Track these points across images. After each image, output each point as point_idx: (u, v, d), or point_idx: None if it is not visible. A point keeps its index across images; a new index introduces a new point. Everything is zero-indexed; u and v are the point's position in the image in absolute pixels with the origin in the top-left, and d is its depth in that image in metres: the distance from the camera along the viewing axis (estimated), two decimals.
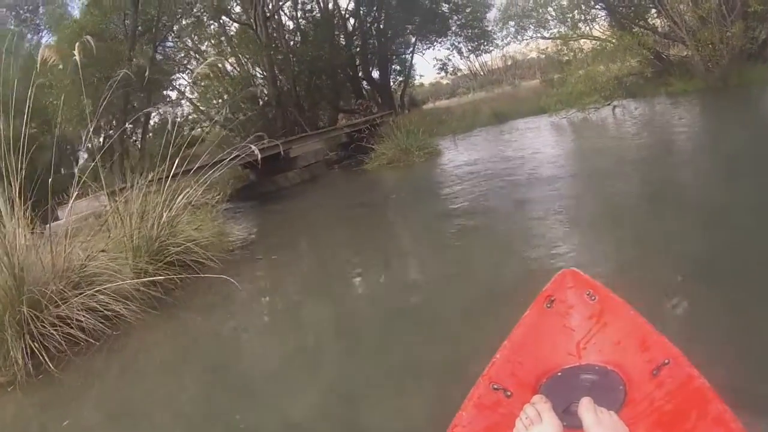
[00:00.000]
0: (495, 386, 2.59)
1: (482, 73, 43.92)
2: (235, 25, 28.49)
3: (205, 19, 27.42)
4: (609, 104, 20.05)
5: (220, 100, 27.28)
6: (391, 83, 35.62)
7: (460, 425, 2.39)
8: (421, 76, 38.98)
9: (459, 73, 40.88)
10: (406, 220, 10.42)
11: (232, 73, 28.13)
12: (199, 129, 29.47)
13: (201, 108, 28.54)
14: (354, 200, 13.71)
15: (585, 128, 18.20)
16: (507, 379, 2.67)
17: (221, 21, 27.93)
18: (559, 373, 2.79)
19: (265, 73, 27.77)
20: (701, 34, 20.70)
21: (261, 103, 28.16)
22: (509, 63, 43.89)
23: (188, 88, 28.98)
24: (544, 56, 30.97)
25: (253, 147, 10.13)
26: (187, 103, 29.25)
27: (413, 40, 35.31)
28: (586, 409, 2.20)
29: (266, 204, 16.84)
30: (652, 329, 2.79)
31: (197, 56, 27.64)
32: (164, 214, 9.15)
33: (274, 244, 10.61)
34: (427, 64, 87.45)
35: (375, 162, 18.70)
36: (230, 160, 10.72)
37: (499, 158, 14.77)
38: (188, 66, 28.63)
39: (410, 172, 16.69)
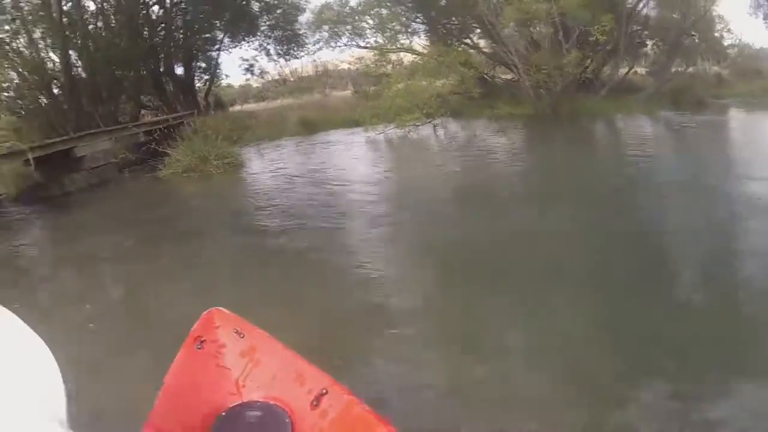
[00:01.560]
0: None
1: (292, 79, 42.73)
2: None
3: None
4: (430, 122, 19.41)
5: (5, 84, 24.54)
6: (196, 81, 33.62)
7: None
8: (227, 76, 37.27)
9: (267, 77, 39.51)
10: (185, 269, 8.44)
11: (25, 55, 25.37)
12: None
13: None
14: (135, 227, 11.62)
15: (405, 150, 17.45)
16: (173, 426, 2.64)
17: None
18: (224, 413, 2.82)
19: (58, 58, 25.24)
20: (535, 58, 20.59)
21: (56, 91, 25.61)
22: (320, 71, 43.08)
23: None
24: (358, 66, 29.91)
25: None
26: None
27: (221, 36, 33.45)
28: None
29: (42, 214, 15.10)
30: (304, 362, 2.92)
31: None
32: None
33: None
34: (235, 64, 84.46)
35: (169, 169, 17.12)
36: None
37: (305, 180, 13.72)
38: None
39: (205, 186, 15.31)
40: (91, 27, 27.12)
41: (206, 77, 34.38)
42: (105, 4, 28.16)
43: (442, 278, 6.76)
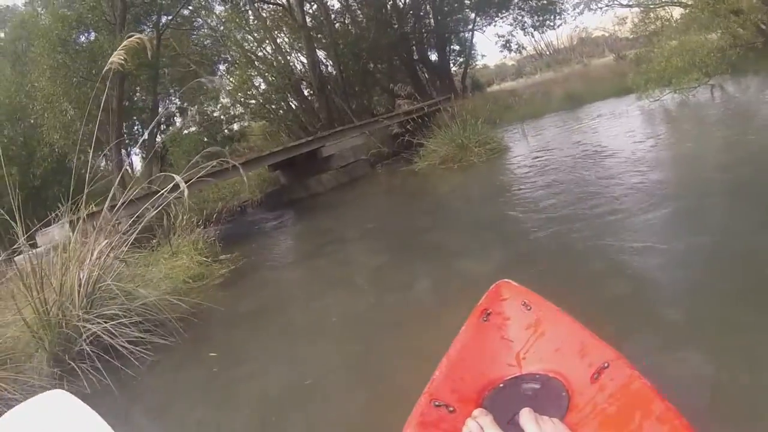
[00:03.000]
0: (437, 403, 2.42)
1: (548, 53, 40.92)
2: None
3: (240, 4, 24.05)
4: (707, 83, 15.54)
5: (253, 91, 23.78)
6: (451, 65, 31.79)
7: None
8: (483, 56, 35.22)
9: (523, 52, 37.17)
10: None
11: (270, 60, 24.50)
12: (237, 124, 26.83)
13: (240, 99, 25.08)
14: (382, 238, 9.20)
15: (688, 120, 13.36)
16: (448, 395, 2.51)
17: (255, 5, 24.30)
18: (501, 385, 2.64)
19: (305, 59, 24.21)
20: None
21: (306, 92, 24.91)
22: (575, 42, 40.82)
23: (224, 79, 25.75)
24: (621, 28, 26.38)
25: (177, 177, 6.55)
26: (224, 97, 25.90)
27: (472, 16, 31.22)
28: (526, 419, 2.05)
29: (282, 220, 13.76)
30: (589, 334, 2.66)
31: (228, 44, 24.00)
32: (81, 271, 6.19)
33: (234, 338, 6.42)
34: (489, 43, 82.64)
35: (425, 161, 14.77)
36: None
37: (587, 162, 10.20)
38: (225, 55, 25.31)
39: (466, 180, 12.45)
40: (337, 25, 26.63)
41: (461, 59, 32.51)
42: (350, 0, 27.45)
43: None
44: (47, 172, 19.33)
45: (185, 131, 26.29)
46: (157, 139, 24.19)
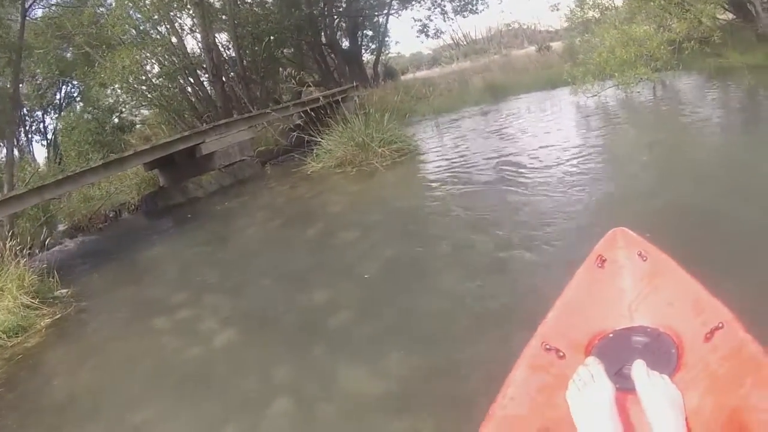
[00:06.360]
0: (548, 346, 2.47)
1: (464, 42, 38.92)
2: None
3: None
4: (654, 78, 13.55)
5: (142, 76, 20.61)
6: (363, 51, 29.64)
7: (513, 385, 2.27)
8: (397, 43, 33.28)
9: (441, 38, 35.09)
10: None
11: (164, 41, 21.28)
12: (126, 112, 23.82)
13: (132, 85, 21.73)
14: (254, 282, 6.62)
15: (641, 119, 11.18)
16: (559, 340, 2.55)
17: None
18: (611, 335, 2.65)
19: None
20: None
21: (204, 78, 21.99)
22: (493, 32, 39.49)
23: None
24: (555, 12, 24.29)
25: None
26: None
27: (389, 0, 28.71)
28: (638, 372, 2.10)
29: (142, 236, 11.39)
30: (705, 292, 2.57)
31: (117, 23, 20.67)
32: None
33: None
34: (405, 30, 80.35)
35: (319, 162, 12.15)
36: None
37: (513, 179, 7.65)
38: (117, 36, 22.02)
39: (365, 191, 9.75)
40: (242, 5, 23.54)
41: (374, 46, 30.42)
42: None
43: None
44: None
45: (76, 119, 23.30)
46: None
